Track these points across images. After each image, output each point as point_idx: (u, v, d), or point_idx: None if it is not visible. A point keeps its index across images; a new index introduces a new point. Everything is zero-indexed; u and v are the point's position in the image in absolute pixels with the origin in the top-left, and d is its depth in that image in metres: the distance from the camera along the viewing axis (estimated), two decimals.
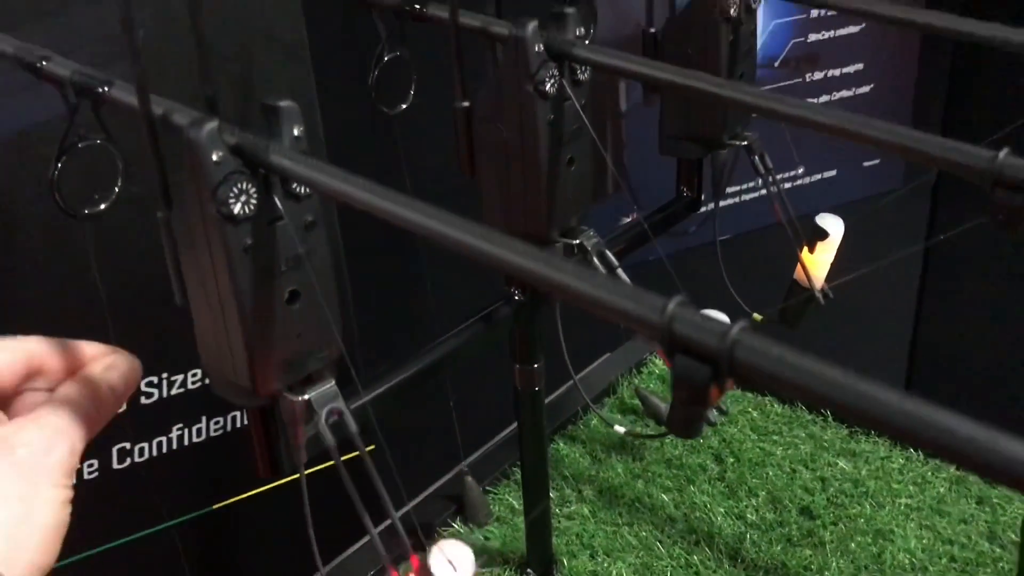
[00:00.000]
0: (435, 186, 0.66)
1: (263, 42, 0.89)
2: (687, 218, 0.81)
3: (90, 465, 0.87)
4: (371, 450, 0.89)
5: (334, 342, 0.48)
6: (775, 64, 1.52)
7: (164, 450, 0.92)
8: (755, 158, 0.74)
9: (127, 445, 0.90)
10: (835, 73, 1.58)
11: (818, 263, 0.76)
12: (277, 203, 0.44)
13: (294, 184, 0.45)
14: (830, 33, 1.53)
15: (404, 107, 0.67)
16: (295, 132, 0.45)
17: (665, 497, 0.89)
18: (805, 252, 0.76)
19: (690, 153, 0.77)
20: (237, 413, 0.94)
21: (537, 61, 0.57)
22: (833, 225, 0.75)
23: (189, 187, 0.43)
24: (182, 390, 0.91)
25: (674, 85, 0.55)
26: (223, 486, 0.96)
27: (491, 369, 0.75)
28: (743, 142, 0.74)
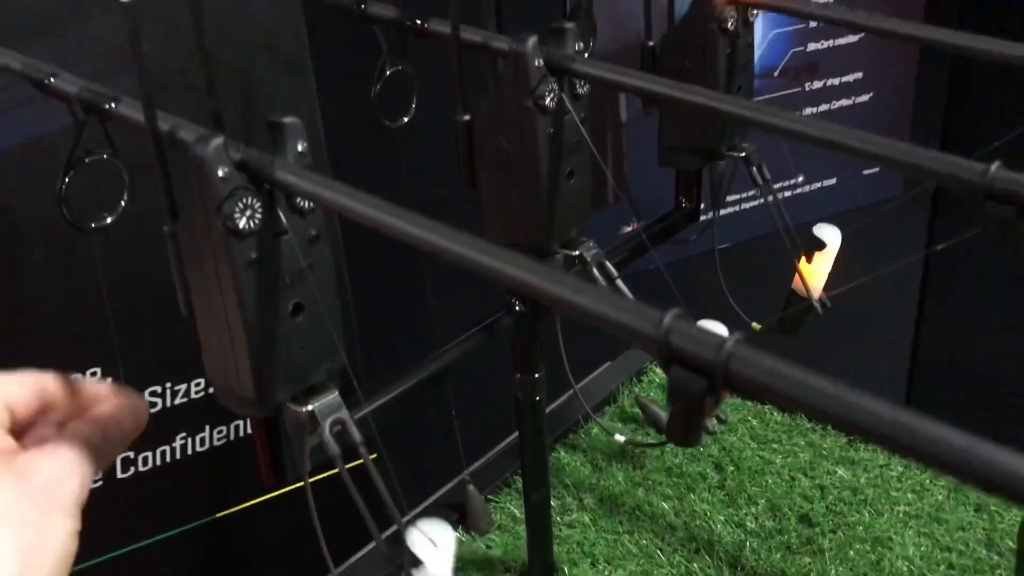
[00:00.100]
0: (437, 197, 0.67)
1: (267, 55, 0.90)
2: (686, 228, 0.81)
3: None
4: (373, 458, 0.90)
5: (337, 353, 0.49)
6: (775, 74, 1.53)
7: (168, 459, 0.92)
8: (753, 169, 0.75)
9: (131, 455, 0.90)
10: (834, 82, 1.58)
11: (816, 273, 0.77)
12: (282, 217, 0.45)
13: (298, 199, 0.45)
14: (829, 43, 1.54)
15: (406, 120, 0.68)
16: (299, 148, 0.46)
17: (665, 505, 0.90)
18: (803, 262, 0.77)
19: (688, 164, 0.78)
20: (240, 422, 0.95)
21: (537, 76, 0.58)
22: (830, 235, 0.76)
23: (195, 202, 0.44)
24: (185, 400, 0.92)
25: (671, 99, 0.56)
26: (226, 495, 0.96)
27: (493, 378, 0.75)
28: (741, 153, 0.75)
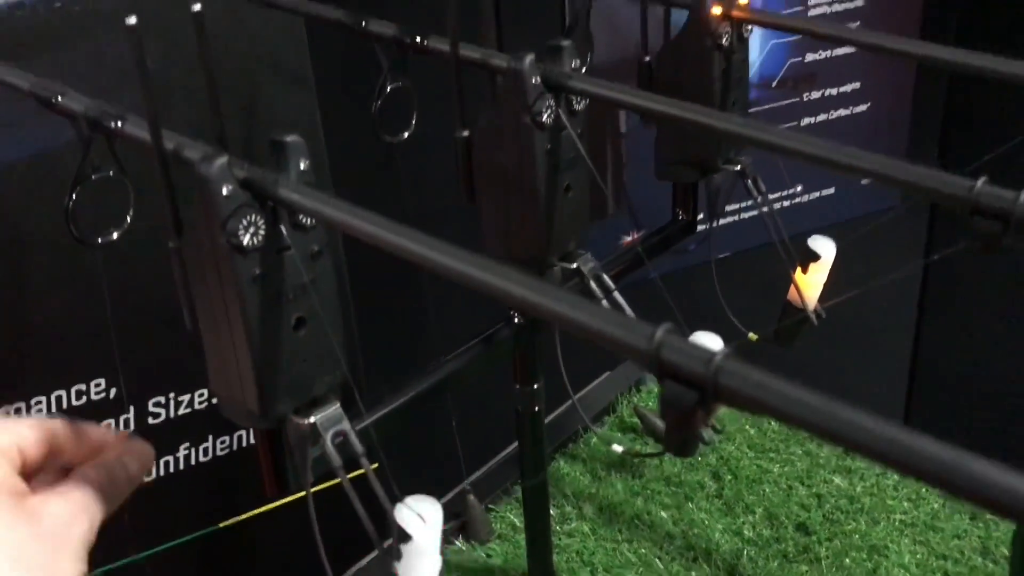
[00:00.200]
0: (439, 208, 0.68)
1: (269, 70, 0.91)
2: (683, 241, 0.82)
3: None
4: (375, 468, 0.90)
5: (339, 366, 0.50)
6: (773, 84, 1.54)
7: (171, 469, 0.93)
8: (748, 182, 0.76)
9: None
10: (832, 92, 1.59)
11: (811, 284, 0.77)
12: (285, 234, 0.46)
13: (301, 216, 0.47)
14: (827, 53, 1.54)
15: (406, 136, 0.69)
16: (301, 166, 0.47)
17: (664, 514, 0.90)
18: (798, 273, 0.78)
19: (685, 177, 0.79)
20: (243, 432, 0.95)
21: (534, 93, 0.59)
22: (825, 247, 0.77)
23: (200, 219, 0.45)
24: (189, 410, 0.93)
25: (666, 116, 0.57)
26: (230, 504, 0.97)
27: (493, 388, 0.76)
28: (736, 166, 0.76)
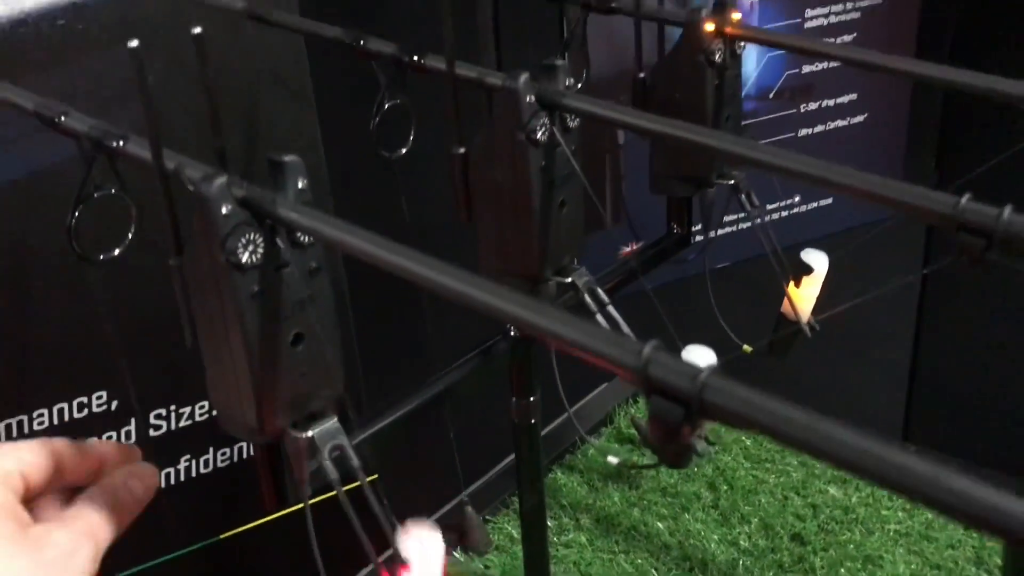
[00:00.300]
0: (437, 222, 0.69)
1: (269, 84, 0.92)
2: (677, 254, 0.83)
3: None
4: (373, 479, 0.91)
5: (336, 381, 0.51)
6: (770, 95, 1.55)
7: (172, 481, 0.93)
8: (742, 196, 0.77)
9: None
10: (829, 103, 1.60)
11: (804, 297, 0.78)
12: (283, 251, 0.47)
13: (298, 233, 0.48)
14: (824, 64, 1.55)
15: (404, 152, 0.70)
16: (299, 184, 0.48)
17: (660, 525, 0.91)
18: (791, 286, 0.79)
19: (679, 192, 0.80)
20: (244, 444, 0.96)
21: (529, 111, 0.60)
22: (817, 260, 0.78)
23: (199, 237, 0.46)
24: (190, 422, 0.93)
25: (658, 134, 0.58)
26: (231, 516, 0.97)
27: (491, 400, 0.77)
28: (730, 181, 0.77)
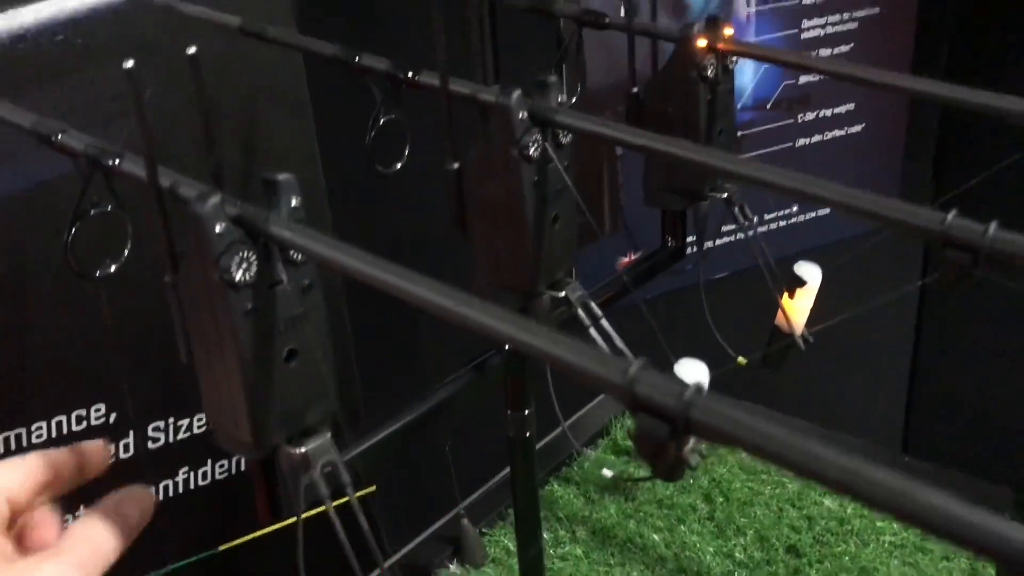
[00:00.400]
0: (433, 235, 0.69)
1: (267, 99, 0.93)
2: (671, 267, 0.84)
3: None
4: (372, 491, 0.91)
5: (330, 397, 0.51)
6: (767, 106, 1.55)
7: (170, 493, 0.94)
8: (735, 209, 0.77)
9: None
10: (827, 113, 1.60)
11: (797, 309, 0.79)
12: (276, 269, 0.48)
13: (291, 251, 0.48)
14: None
15: (399, 166, 0.70)
16: (293, 202, 0.48)
17: (656, 537, 0.91)
18: (785, 298, 0.79)
19: (673, 205, 0.80)
20: (241, 457, 0.97)
21: (521, 127, 0.60)
22: (810, 273, 0.78)
23: (194, 255, 0.47)
24: (188, 434, 0.94)
25: (650, 150, 0.59)
26: (228, 528, 0.98)
27: (487, 413, 0.77)
28: (724, 194, 0.77)
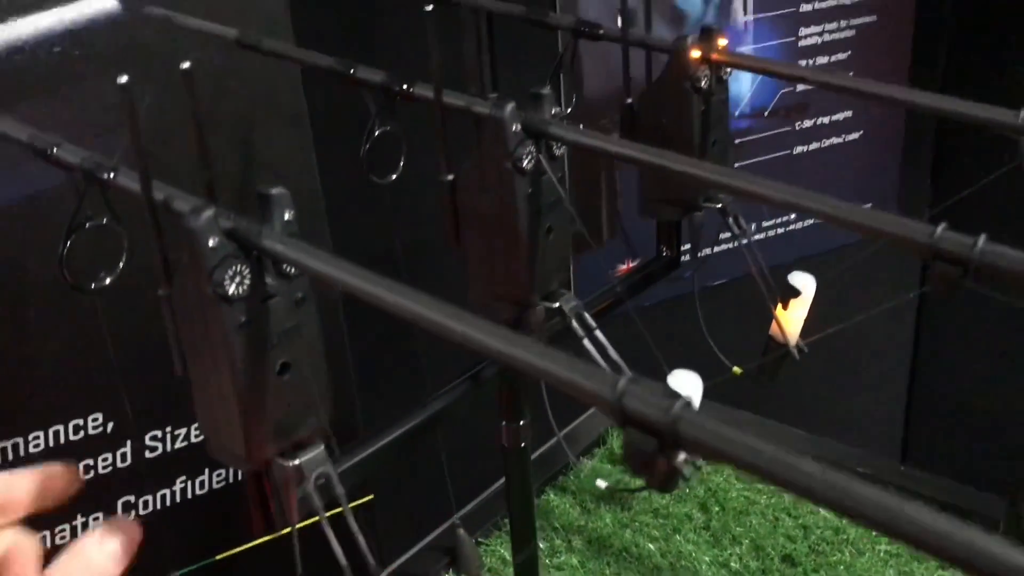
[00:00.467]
0: (431, 245, 0.69)
1: (264, 108, 0.93)
2: (666, 276, 0.84)
3: (95, 518, 0.90)
4: (369, 500, 0.91)
5: (323, 409, 0.51)
6: (765, 114, 1.56)
7: (167, 502, 0.94)
8: (730, 220, 0.78)
9: (131, 498, 0.92)
10: (824, 121, 1.60)
11: (792, 319, 0.79)
12: (269, 282, 0.48)
13: (284, 264, 0.48)
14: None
15: (395, 177, 0.71)
16: (286, 216, 0.49)
17: (652, 547, 0.91)
18: (779, 308, 0.79)
19: (668, 215, 0.81)
20: None
21: (515, 140, 0.61)
22: (804, 283, 0.78)
23: (187, 269, 0.47)
24: (185, 443, 0.94)
25: (643, 163, 0.59)
26: (227, 537, 0.98)
27: (483, 422, 0.78)
28: (718, 204, 0.77)
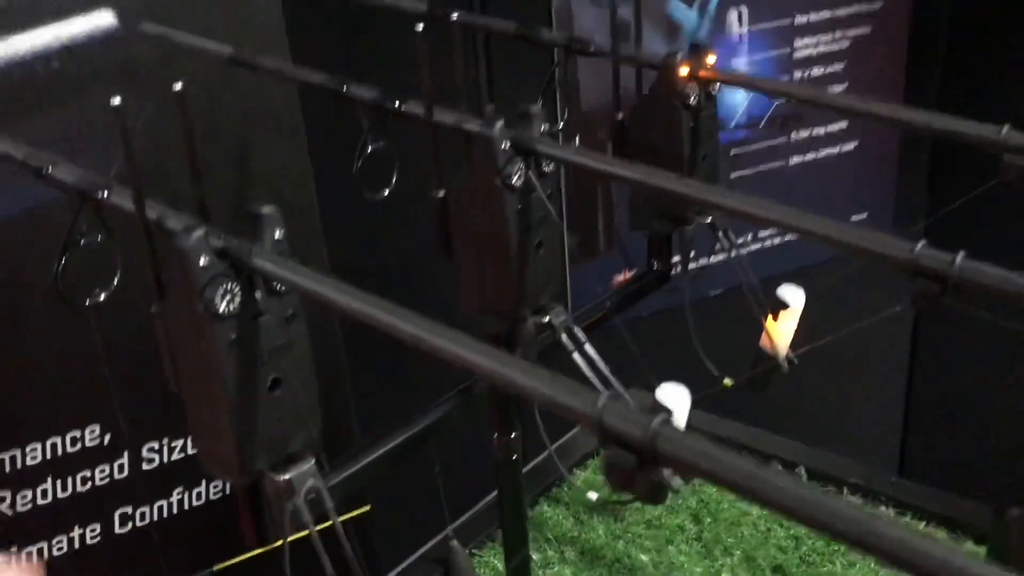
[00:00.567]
0: (424, 258, 0.70)
1: (262, 122, 0.94)
2: (658, 289, 0.85)
3: (92, 530, 0.90)
4: (367, 511, 0.91)
5: (313, 424, 0.52)
6: (760, 125, 1.56)
7: (165, 513, 0.95)
8: (719, 234, 0.78)
9: (129, 509, 0.93)
10: (820, 132, 1.61)
11: (781, 332, 0.79)
12: (260, 300, 0.49)
13: (275, 282, 0.49)
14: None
15: (387, 192, 0.71)
16: (276, 235, 0.49)
17: (644, 557, 0.92)
18: (769, 321, 0.80)
19: (658, 229, 0.81)
20: None
21: (504, 157, 0.61)
22: (793, 296, 0.79)
23: (179, 287, 0.48)
24: (182, 455, 0.94)
25: (627, 179, 0.60)
26: (223, 547, 0.98)
27: (477, 434, 0.78)
28: (708, 218, 0.78)
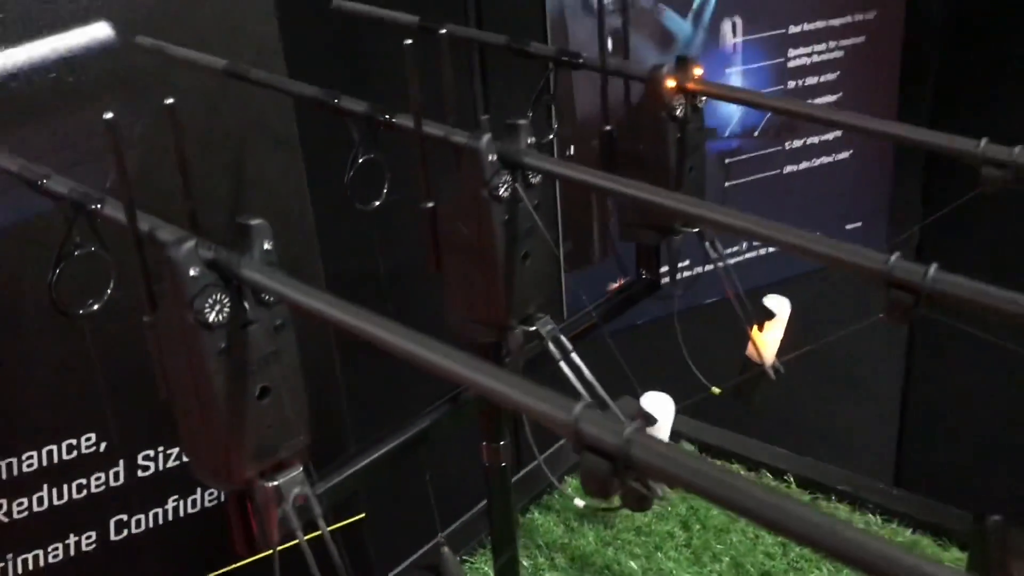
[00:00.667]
0: (416, 267, 0.71)
1: (257, 132, 0.95)
2: (647, 298, 0.86)
3: (88, 537, 0.91)
4: (362, 519, 0.92)
5: (302, 432, 0.53)
6: (755, 133, 1.58)
7: (160, 521, 0.95)
8: (707, 244, 0.79)
9: (124, 517, 0.93)
10: (814, 141, 1.63)
11: (767, 341, 0.80)
12: (248, 310, 0.50)
13: (263, 293, 0.50)
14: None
15: (377, 204, 0.72)
16: (265, 246, 0.50)
17: (634, 564, 0.93)
18: (755, 330, 0.81)
19: (647, 239, 0.82)
20: None
21: (491, 169, 0.62)
22: (779, 305, 0.80)
23: (169, 298, 0.49)
24: (177, 463, 0.95)
25: (615, 192, 0.61)
26: (219, 555, 0.99)
27: (467, 442, 0.79)
28: (695, 229, 0.79)
